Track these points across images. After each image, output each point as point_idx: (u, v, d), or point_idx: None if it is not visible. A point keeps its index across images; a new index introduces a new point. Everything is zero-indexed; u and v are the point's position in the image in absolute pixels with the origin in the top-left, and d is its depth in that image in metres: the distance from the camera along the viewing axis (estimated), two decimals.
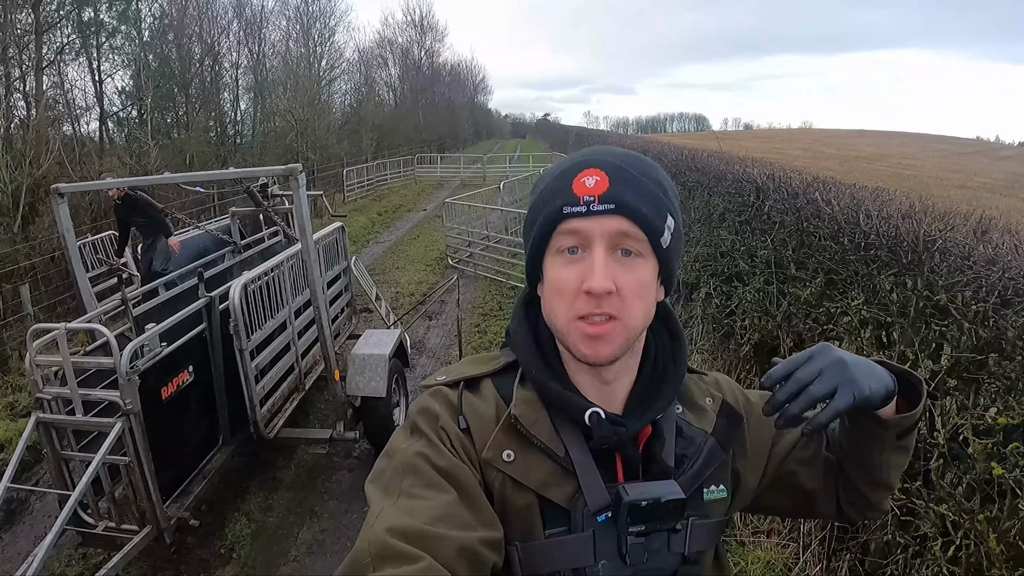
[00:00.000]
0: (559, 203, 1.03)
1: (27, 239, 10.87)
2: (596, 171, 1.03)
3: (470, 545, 0.92)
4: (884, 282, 4.45)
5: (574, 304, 1.03)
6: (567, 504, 1.06)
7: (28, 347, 3.92)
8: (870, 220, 4.98)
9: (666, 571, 1.10)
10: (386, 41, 54.61)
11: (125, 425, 3.82)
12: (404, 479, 1.00)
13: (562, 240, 1.05)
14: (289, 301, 5.62)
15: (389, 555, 0.85)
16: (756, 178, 6.94)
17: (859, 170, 9.68)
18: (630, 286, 1.02)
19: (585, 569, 1.05)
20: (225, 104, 27.07)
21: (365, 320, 9.00)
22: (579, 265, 1.03)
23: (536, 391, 1.14)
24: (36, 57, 15.25)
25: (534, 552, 1.05)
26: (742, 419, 1.23)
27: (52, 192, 4.82)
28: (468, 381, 1.18)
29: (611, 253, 1.02)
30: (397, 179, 32.73)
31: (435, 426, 1.10)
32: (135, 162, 15.34)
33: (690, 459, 1.13)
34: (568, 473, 1.07)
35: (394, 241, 17.20)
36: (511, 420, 1.10)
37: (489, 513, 1.03)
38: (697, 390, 1.25)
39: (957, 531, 3.23)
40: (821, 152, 53.13)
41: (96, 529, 4.09)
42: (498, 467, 1.07)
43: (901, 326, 4.10)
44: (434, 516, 0.93)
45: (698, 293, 7.65)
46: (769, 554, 4.25)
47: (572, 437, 1.09)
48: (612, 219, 1.01)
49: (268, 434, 5.03)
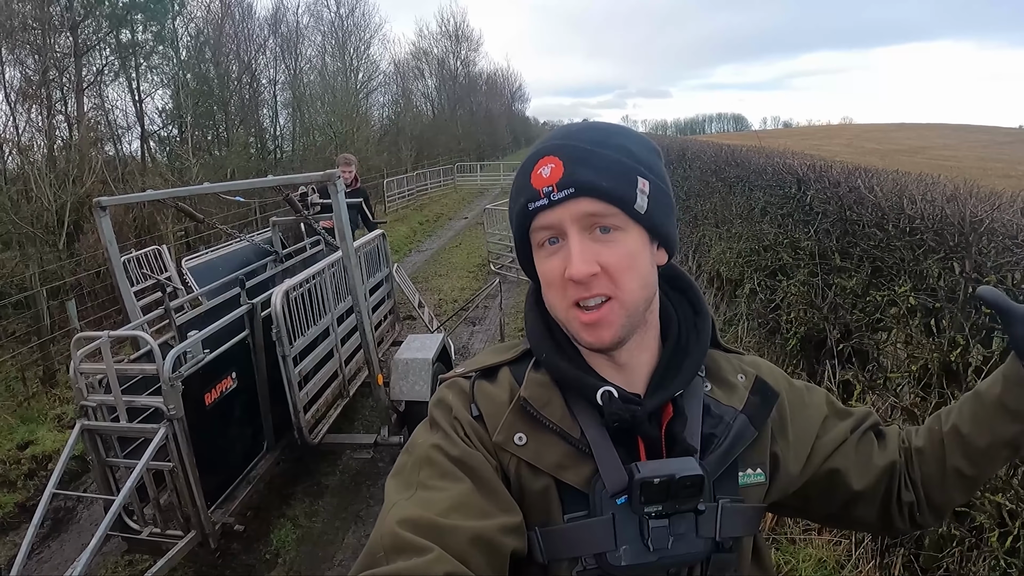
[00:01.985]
0: (523, 200, 1.05)
1: (72, 255, 11.07)
2: (549, 159, 1.02)
3: (485, 533, 0.92)
4: (932, 267, 4.33)
5: (566, 292, 1.03)
6: (584, 487, 1.04)
7: (72, 355, 3.94)
8: (914, 205, 4.86)
9: (695, 557, 1.05)
10: (421, 52, 54.82)
11: (169, 431, 3.82)
12: (421, 471, 1.01)
13: (538, 235, 1.06)
14: (332, 308, 5.60)
15: (401, 547, 0.86)
16: (797, 169, 6.82)
17: (900, 163, 9.59)
18: (615, 262, 1.01)
19: (606, 554, 1.02)
20: (264, 120, 27.35)
21: (408, 327, 9.00)
22: (561, 253, 1.03)
23: (549, 373, 1.12)
24: (76, 79, 15.53)
25: (553, 537, 1.04)
26: (777, 396, 1.18)
27: (94, 205, 4.87)
28: (485, 370, 1.18)
29: (589, 234, 1.01)
30: (437, 188, 32.95)
31: (449, 417, 1.10)
32: (177, 179, 15.52)
33: (718, 438, 1.09)
34: (585, 455, 1.05)
35: (436, 249, 17.25)
36: (521, 402, 1.09)
37: (506, 498, 1.02)
38: (728, 366, 1.21)
39: (1015, 521, 3.10)
40: (862, 147, 52.52)
41: (141, 535, 4.10)
42: (511, 451, 1.07)
43: (951, 312, 3.97)
44: (448, 506, 0.93)
45: (742, 289, 7.54)
46: (820, 551, 4.15)
47: (588, 419, 1.07)
48: (576, 202, 1.00)
49: (312, 440, 5.01)
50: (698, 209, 10.72)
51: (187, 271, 6.45)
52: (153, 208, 12.97)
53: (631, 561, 1.01)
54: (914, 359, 4.22)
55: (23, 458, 6.41)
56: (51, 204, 10.97)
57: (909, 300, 4.37)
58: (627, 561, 1.01)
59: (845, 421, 1.26)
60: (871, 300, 4.84)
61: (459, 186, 34.79)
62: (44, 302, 8.46)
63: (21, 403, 7.60)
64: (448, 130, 49.92)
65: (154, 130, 20.19)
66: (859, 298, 5.03)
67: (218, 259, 6.96)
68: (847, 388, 4.84)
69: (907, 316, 4.39)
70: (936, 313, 4.16)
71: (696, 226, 10.60)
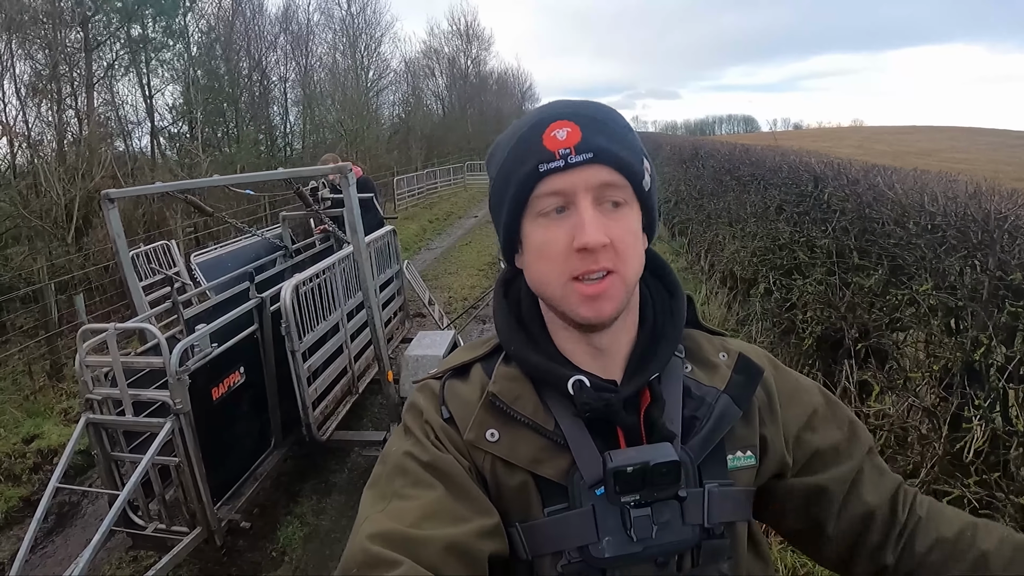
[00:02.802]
0: (533, 162, 0.98)
1: (81, 250, 11.04)
2: (565, 123, 0.98)
3: (458, 540, 0.90)
4: (953, 265, 4.24)
5: (567, 264, 0.98)
6: (563, 479, 1.01)
7: (78, 348, 3.87)
8: (936, 202, 4.78)
9: (683, 545, 1.01)
10: (432, 51, 54.68)
11: (175, 425, 3.75)
12: (395, 481, 0.99)
13: (542, 203, 0.99)
14: (341, 303, 5.54)
15: (372, 562, 0.85)
16: (814, 167, 6.75)
17: (912, 166, 9.45)
18: (621, 236, 0.98)
19: (589, 547, 0.98)
20: (274, 117, 27.34)
21: (418, 324, 8.95)
22: (566, 223, 0.98)
23: (519, 366, 1.10)
24: (87, 74, 15.50)
25: (534, 532, 1.01)
26: (761, 371, 1.13)
27: (103, 198, 4.80)
28: (456, 369, 1.15)
29: (598, 207, 0.98)
30: (447, 187, 33.07)
31: (420, 421, 1.08)
32: (187, 175, 15.49)
33: (700, 420, 1.06)
34: (561, 447, 1.03)
35: (446, 247, 17.25)
36: (490, 398, 1.07)
37: (481, 500, 1.00)
38: (710, 346, 1.17)
39: None
40: (872, 149, 52.32)
41: (146, 531, 4.03)
42: (483, 448, 1.04)
43: (973, 310, 3.89)
44: (420, 516, 0.92)
45: (756, 289, 7.46)
46: None
47: (563, 410, 1.05)
48: (593, 169, 0.96)
49: (321, 437, 4.95)
50: (711, 208, 10.64)
51: (195, 267, 6.40)
52: (162, 203, 12.97)
53: (615, 552, 0.98)
54: (935, 358, 4.15)
55: (28, 452, 6.35)
56: (60, 198, 10.95)
57: (930, 299, 4.29)
58: (611, 552, 0.98)
59: (842, 432, 1.16)
60: (890, 299, 4.76)
61: (469, 185, 34.81)
62: (52, 296, 8.43)
63: (27, 397, 7.56)
64: (458, 129, 49.85)
65: (164, 126, 20.16)
66: (877, 297, 4.96)
67: (227, 255, 6.91)
68: (865, 388, 4.77)
69: (928, 315, 4.31)
70: (958, 312, 4.09)
71: (709, 225, 10.52)
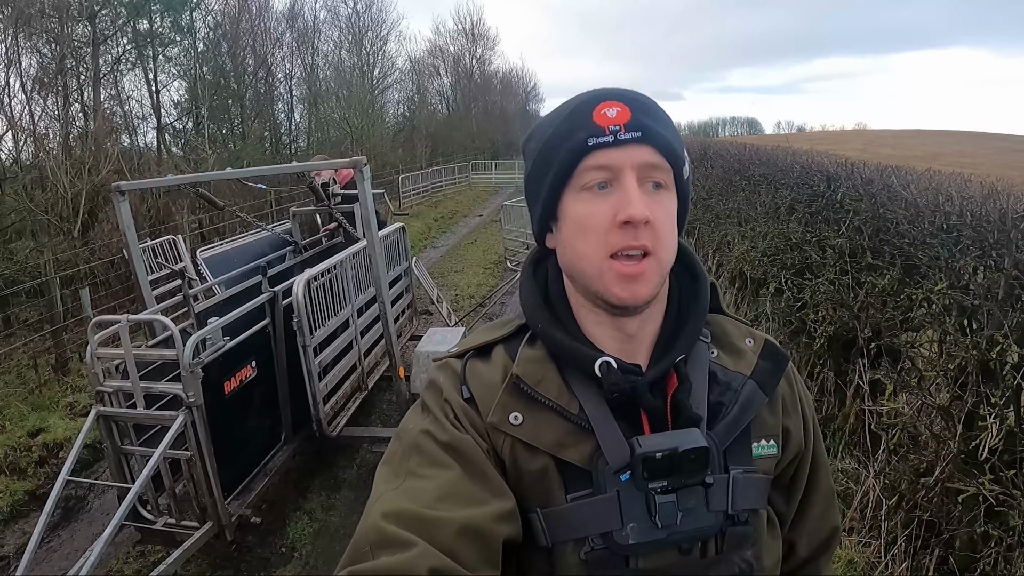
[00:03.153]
0: (582, 135, 0.98)
1: (87, 244, 11.00)
2: (615, 103, 0.99)
3: (473, 522, 0.89)
4: (968, 264, 4.22)
5: (607, 239, 0.98)
6: (587, 464, 1.00)
7: (89, 339, 3.83)
8: (951, 201, 4.76)
9: (708, 532, 1.00)
10: (437, 50, 54.75)
11: (187, 419, 3.72)
12: (411, 459, 0.98)
13: (587, 176, 0.99)
14: (352, 299, 5.51)
15: (385, 542, 0.83)
16: (827, 167, 6.72)
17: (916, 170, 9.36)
18: (661, 217, 0.98)
19: (613, 533, 0.97)
20: (279, 114, 27.35)
21: (425, 322, 8.92)
22: (610, 199, 0.98)
23: (544, 347, 1.08)
24: (94, 68, 15.48)
25: (557, 518, 1.00)
26: (787, 359, 1.13)
27: (113, 190, 4.79)
28: (478, 349, 1.13)
29: (641, 186, 0.98)
30: (452, 186, 33.17)
31: (439, 400, 1.07)
32: (193, 171, 15.47)
33: (726, 405, 1.05)
34: (585, 431, 1.01)
35: (451, 246, 17.25)
36: (514, 380, 1.05)
37: (498, 483, 0.98)
38: (736, 332, 1.16)
39: None
40: (877, 152, 52.03)
41: (156, 525, 4.00)
42: (506, 431, 1.02)
43: (988, 310, 3.87)
44: (435, 496, 0.91)
45: (766, 288, 7.41)
46: (850, 552, 4.05)
47: (588, 393, 1.03)
48: (640, 148, 0.97)
49: (331, 432, 4.92)
50: (720, 208, 10.58)
51: (201, 262, 6.35)
52: (168, 198, 12.92)
53: (639, 539, 0.97)
54: (950, 357, 4.13)
55: (34, 445, 6.32)
56: (67, 192, 10.91)
57: (945, 298, 4.27)
58: (635, 539, 0.97)
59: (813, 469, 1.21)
60: (904, 298, 4.73)
61: (473, 184, 34.91)
62: (57, 290, 8.39)
63: (33, 391, 7.53)
64: (463, 128, 49.84)
65: (169, 122, 20.14)
66: (890, 296, 4.93)
67: (233, 251, 6.87)
68: (877, 387, 4.74)
69: (943, 314, 4.28)
70: (973, 311, 4.06)
71: (718, 225, 10.47)
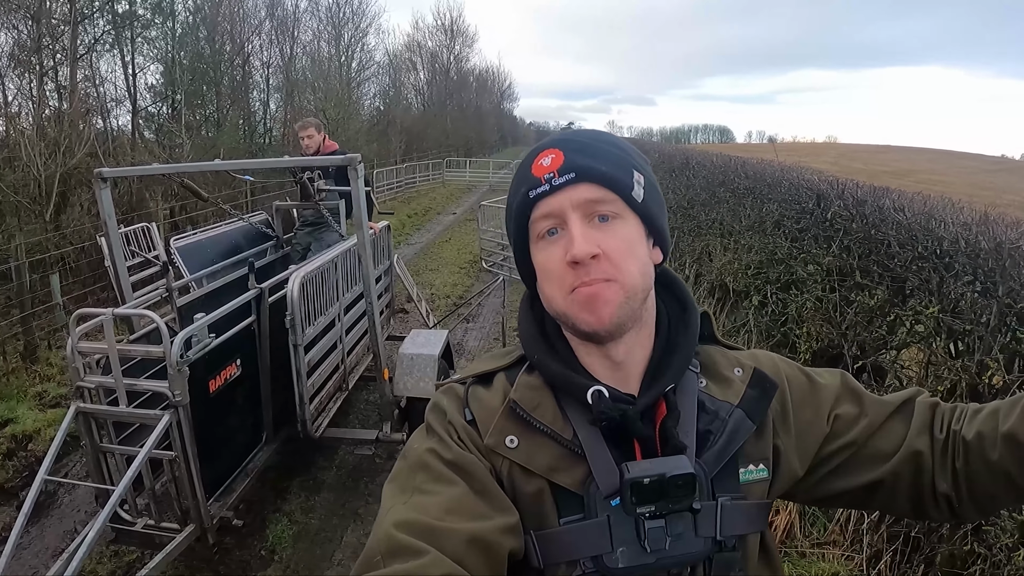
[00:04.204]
0: (524, 190, 1.07)
1: (58, 228, 10.75)
2: (550, 151, 1.06)
3: (481, 534, 0.92)
4: (958, 289, 4.29)
5: (564, 280, 1.03)
6: (578, 489, 1.03)
7: (71, 332, 3.69)
8: (945, 227, 4.80)
9: (696, 557, 1.03)
10: (415, 44, 54.65)
11: (173, 418, 3.60)
12: (416, 476, 1.02)
13: (539, 226, 1.07)
14: (340, 297, 5.44)
15: (397, 550, 0.86)
16: (818, 185, 6.74)
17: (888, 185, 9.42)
18: (615, 246, 1.02)
19: (603, 557, 1.01)
20: (255, 103, 27.07)
21: (400, 320, 8.84)
22: (561, 242, 1.04)
23: (541, 375, 1.13)
24: (71, 47, 15.17)
25: (549, 540, 1.03)
26: (776, 387, 1.14)
27: (95, 177, 4.64)
28: (479, 376, 1.18)
29: (589, 222, 1.03)
30: (426, 182, 33.14)
31: (443, 421, 1.11)
32: (168, 156, 15.24)
33: (715, 434, 1.08)
34: (578, 456, 1.05)
35: (425, 243, 17.16)
36: (511, 405, 1.09)
37: (502, 499, 1.02)
38: (724, 361, 1.19)
39: None
40: (849, 167, 52.80)
41: (135, 527, 3.87)
42: (502, 454, 1.06)
43: (979, 335, 3.90)
44: (443, 509, 0.94)
45: (749, 301, 7.42)
46: (833, 565, 4.06)
47: (581, 420, 1.07)
48: (576, 188, 1.03)
49: (314, 433, 4.83)
50: (702, 218, 10.61)
51: (175, 251, 6.20)
52: (142, 185, 12.70)
53: (629, 563, 1.00)
54: (938, 379, 4.16)
55: (1, 437, 6.13)
56: (39, 174, 10.66)
57: (935, 321, 4.31)
58: (625, 563, 1.00)
59: (862, 404, 1.19)
60: (894, 318, 4.77)
61: (447, 181, 34.81)
62: (27, 275, 8.18)
63: (0, 379, 7.31)
64: (437, 124, 49.77)
65: (144, 106, 19.83)
66: (877, 316, 4.96)
67: (207, 240, 6.72)
68: None
69: (933, 336, 4.32)
70: (963, 335, 4.13)
71: (699, 235, 10.48)
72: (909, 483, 1.13)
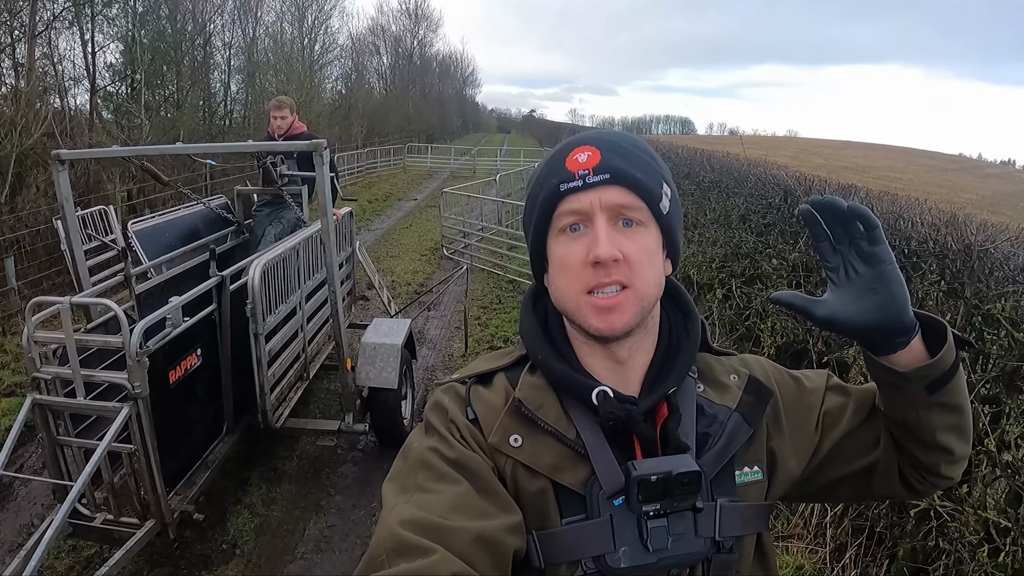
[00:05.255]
0: (555, 182, 1.06)
1: (13, 211, 10.49)
2: (587, 147, 1.06)
3: (487, 533, 0.92)
4: (924, 289, 4.39)
5: (581, 278, 1.04)
6: (581, 488, 1.04)
7: (27, 321, 3.58)
8: (913, 227, 4.84)
9: (695, 557, 1.05)
10: (379, 28, 54.25)
11: (132, 410, 3.50)
12: (418, 475, 1.01)
13: (563, 220, 1.06)
14: (302, 284, 5.36)
15: (404, 549, 0.86)
16: (785, 180, 6.78)
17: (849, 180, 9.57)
18: (636, 253, 1.03)
19: (605, 556, 1.01)
20: (216, 84, 26.65)
21: (361, 308, 8.76)
22: (583, 240, 1.04)
23: (544, 376, 1.14)
24: (30, 23, 14.77)
25: (551, 540, 1.03)
26: (772, 393, 1.18)
27: (52, 158, 4.54)
28: (480, 376, 1.19)
29: (613, 224, 1.03)
30: (387, 167, 32.95)
31: (445, 420, 1.11)
32: (127, 137, 14.95)
33: (713, 437, 1.10)
34: (581, 457, 1.06)
35: (386, 230, 17.06)
36: (515, 404, 1.10)
37: (505, 498, 1.02)
38: (720, 368, 1.22)
39: (1004, 537, 3.15)
40: (809, 161, 53.37)
41: (94, 522, 3.78)
42: (506, 452, 1.07)
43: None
44: (448, 508, 0.93)
45: (713, 294, 7.46)
46: (798, 559, 4.12)
47: (584, 420, 1.08)
48: (609, 189, 1.03)
49: (276, 423, 4.77)
50: None
51: (133, 235, 6.07)
52: (99, 166, 12.45)
53: (631, 563, 1.01)
54: None
55: None
56: None
57: None
58: (627, 563, 1.01)
59: (848, 395, 1.26)
60: None
61: (408, 167, 34.63)
62: None
63: None
64: (399, 109, 49.46)
65: (103, 85, 19.40)
66: None
67: (165, 224, 6.58)
68: None
69: None
70: None
71: None
72: (893, 460, 1.21)
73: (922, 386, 1.08)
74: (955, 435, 1.15)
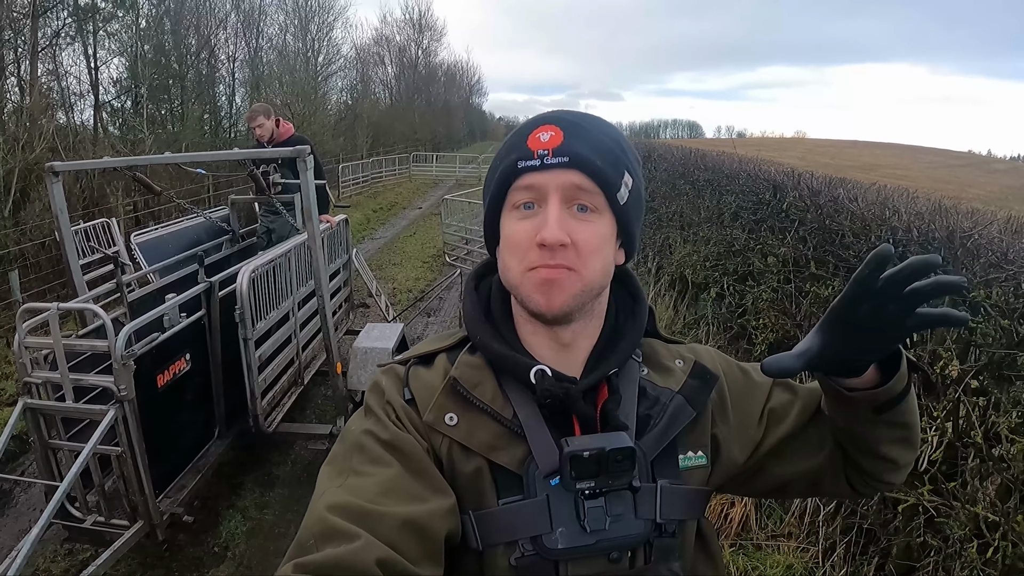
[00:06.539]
0: (514, 157, 1.05)
1: (17, 224, 10.62)
2: (551, 127, 1.04)
3: (415, 517, 0.92)
4: None
5: (527, 257, 1.04)
6: (517, 468, 1.04)
7: (17, 328, 3.67)
8: (899, 216, 4.84)
9: (635, 540, 1.05)
10: (383, 38, 54.38)
11: (119, 413, 3.58)
12: (352, 458, 1.01)
13: (517, 196, 1.06)
14: (293, 291, 5.41)
15: (330, 534, 0.86)
16: (774, 176, 6.80)
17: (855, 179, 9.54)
18: (586, 239, 1.03)
19: (542, 537, 1.01)
20: (220, 97, 26.81)
21: (362, 315, 8.81)
22: (534, 219, 1.03)
23: (483, 356, 1.14)
24: (32, 41, 14.92)
25: (487, 521, 1.03)
26: (716, 378, 1.18)
27: (46, 171, 4.62)
28: (422, 357, 1.19)
29: (567, 208, 1.03)
30: (392, 177, 32.95)
31: (382, 401, 1.11)
32: (130, 151, 15.06)
33: (654, 418, 1.10)
34: (518, 436, 1.06)
35: (390, 238, 17.10)
36: (451, 382, 1.10)
37: (438, 480, 1.02)
38: (666, 352, 1.23)
39: (994, 532, 3.08)
40: (816, 161, 53.08)
41: (85, 523, 3.84)
42: (441, 431, 1.07)
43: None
44: (377, 492, 0.94)
45: (707, 293, 7.48)
46: (788, 557, 4.08)
47: (522, 400, 1.08)
48: (566, 172, 1.02)
49: (267, 428, 4.81)
50: (663, 211, 10.66)
51: (136, 246, 6.16)
52: (103, 180, 12.57)
53: (568, 544, 1.01)
54: None
55: None
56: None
57: None
58: (564, 544, 1.01)
59: (795, 394, 1.25)
60: None
61: (414, 176, 34.71)
62: None
63: None
64: (405, 119, 49.52)
65: (107, 100, 19.57)
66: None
67: (168, 236, 6.68)
68: None
69: None
70: None
71: (660, 228, 10.54)
72: (839, 462, 1.21)
73: (869, 408, 1.07)
74: (899, 447, 1.15)
